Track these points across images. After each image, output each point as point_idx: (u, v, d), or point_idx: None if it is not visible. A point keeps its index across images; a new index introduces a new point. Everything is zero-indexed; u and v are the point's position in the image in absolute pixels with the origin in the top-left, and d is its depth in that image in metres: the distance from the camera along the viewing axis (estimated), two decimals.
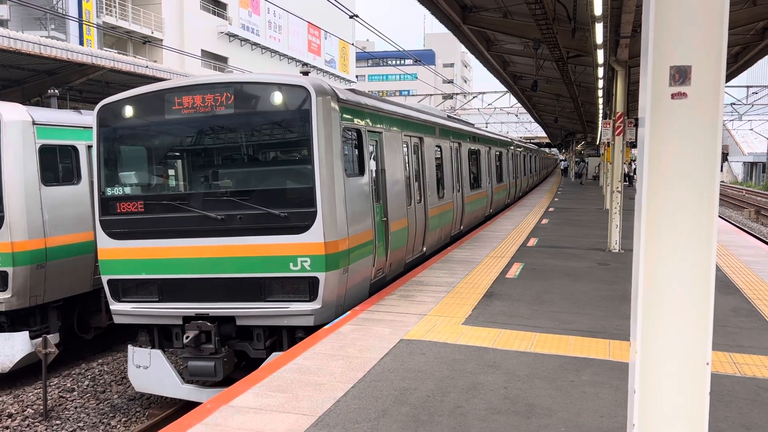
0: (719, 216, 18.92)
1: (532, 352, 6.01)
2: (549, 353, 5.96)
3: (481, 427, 4.37)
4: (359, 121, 8.15)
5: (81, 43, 31.34)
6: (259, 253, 7.03)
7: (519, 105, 40.70)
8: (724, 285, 8.96)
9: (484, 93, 43.66)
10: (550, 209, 21.76)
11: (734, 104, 46.34)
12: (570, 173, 54.68)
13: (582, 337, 6.45)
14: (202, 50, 41.91)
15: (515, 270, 10.18)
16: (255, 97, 7.25)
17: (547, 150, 63.40)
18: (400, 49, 19.01)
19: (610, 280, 9.40)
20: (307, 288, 6.96)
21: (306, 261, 6.91)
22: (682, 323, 2.75)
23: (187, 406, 7.75)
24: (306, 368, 5.55)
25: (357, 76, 78.67)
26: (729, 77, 21.08)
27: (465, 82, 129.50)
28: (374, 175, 8.66)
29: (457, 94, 47.83)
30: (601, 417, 4.54)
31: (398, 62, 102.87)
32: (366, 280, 8.17)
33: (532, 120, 52.17)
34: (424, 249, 11.32)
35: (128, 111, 7.53)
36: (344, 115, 7.57)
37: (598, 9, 9.64)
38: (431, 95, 45.31)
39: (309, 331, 6.90)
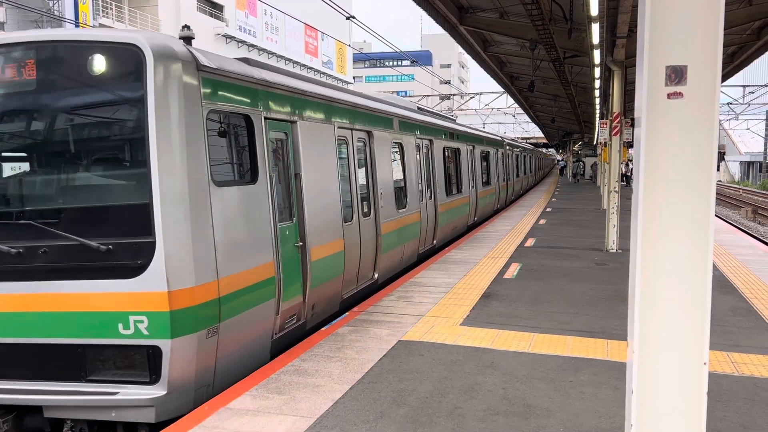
0: (717, 215, 18.98)
1: (531, 352, 6.01)
2: (547, 353, 5.96)
3: (480, 428, 4.36)
4: (248, 103, 5.77)
5: None
6: (73, 307, 4.73)
7: (516, 105, 40.75)
8: (722, 284, 8.97)
9: (481, 93, 43.65)
10: (548, 209, 21.77)
11: (731, 104, 46.45)
12: (567, 173, 54.88)
13: (580, 338, 6.46)
14: None
15: (513, 270, 10.18)
16: (67, 62, 4.88)
17: (544, 150, 63.49)
18: (397, 50, 19.02)
19: (608, 280, 9.41)
20: (144, 363, 4.70)
21: (141, 321, 4.64)
22: (679, 323, 2.75)
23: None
24: (304, 370, 5.54)
25: (354, 77, 78.73)
26: (725, 77, 21.14)
27: (462, 82, 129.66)
28: (281, 182, 6.39)
29: (454, 94, 47.92)
30: (600, 417, 4.54)
31: (395, 63, 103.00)
32: (263, 337, 5.85)
33: (530, 120, 52.25)
34: (376, 276, 9.02)
35: None
36: (215, 92, 5.24)
37: (594, 9, 9.66)
38: (428, 96, 45.33)
39: (154, 427, 4.84)
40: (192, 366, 4.83)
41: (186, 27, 5.63)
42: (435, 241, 12.72)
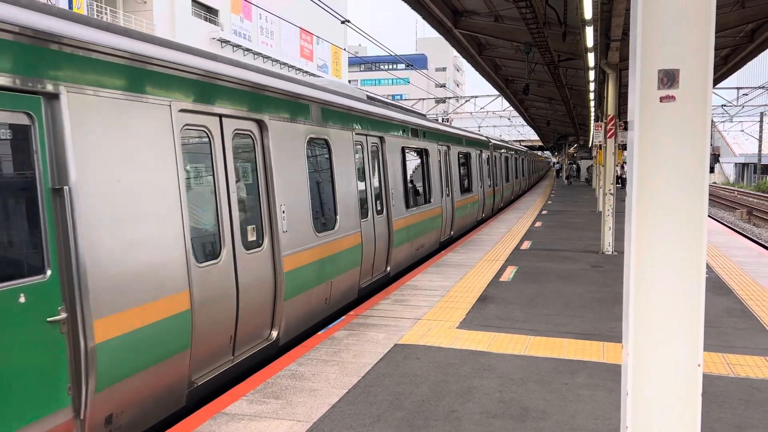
0: (711, 217, 19.03)
1: (527, 355, 6.02)
2: (543, 356, 5.97)
3: (476, 431, 4.37)
4: None
5: None
6: None
7: (511, 108, 40.86)
8: (717, 286, 9.00)
9: (476, 97, 43.73)
10: (544, 212, 21.82)
11: (725, 106, 46.67)
12: (563, 175, 55.20)
13: (576, 340, 6.47)
14: None
15: (509, 273, 10.19)
16: None
17: (540, 153, 63.63)
18: (392, 54, 19.06)
19: (604, 282, 9.43)
20: None
21: None
22: (673, 325, 2.77)
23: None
24: (300, 374, 5.54)
25: (350, 81, 78.84)
26: (719, 79, 21.25)
27: (457, 85, 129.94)
28: (15, 204, 3.68)
29: (449, 98, 47.98)
30: (596, 419, 4.55)
31: (391, 67, 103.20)
32: None
33: (525, 123, 52.39)
34: (274, 334, 6.32)
35: None
36: None
37: (588, 13, 9.70)
38: (424, 99, 45.40)
39: None
40: None
41: None
42: (389, 268, 10.07)
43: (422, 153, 12.57)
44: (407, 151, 11.40)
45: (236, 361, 5.74)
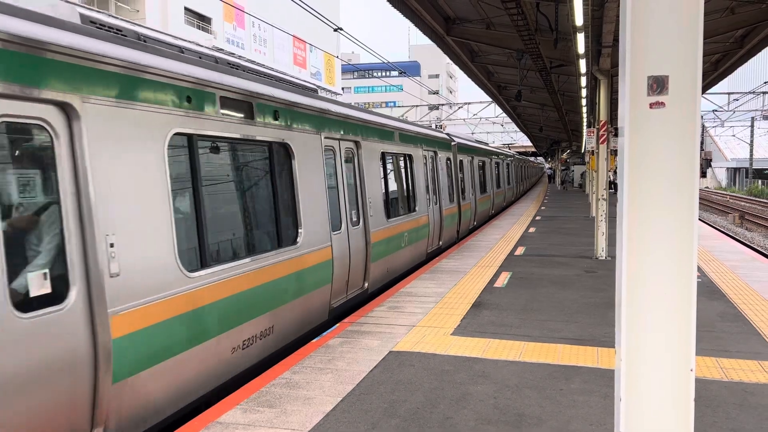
0: (704, 222, 19.05)
1: (521, 361, 6.02)
2: (538, 362, 5.98)
3: None
4: None
5: None
6: None
7: (504, 115, 40.96)
8: (710, 290, 9.03)
9: (469, 103, 43.85)
10: (537, 218, 21.87)
11: (716, 111, 46.93)
12: (556, 181, 55.47)
13: (570, 345, 6.48)
14: None
15: (503, 279, 10.20)
16: None
17: (532, 159, 63.72)
18: (385, 61, 19.10)
19: (598, 288, 9.45)
20: None
21: None
22: (665, 329, 2.78)
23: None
24: (294, 382, 5.52)
25: (343, 88, 78.97)
26: (710, 84, 21.39)
27: (450, 92, 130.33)
28: None
29: (442, 104, 48.07)
30: (591, 425, 4.55)
31: (384, 74, 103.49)
32: None
33: (518, 129, 52.55)
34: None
35: None
36: None
37: (579, 19, 9.76)
38: (417, 106, 45.51)
39: None
40: None
41: None
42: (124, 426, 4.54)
43: (284, 152, 7.05)
44: (241, 149, 6.23)
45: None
